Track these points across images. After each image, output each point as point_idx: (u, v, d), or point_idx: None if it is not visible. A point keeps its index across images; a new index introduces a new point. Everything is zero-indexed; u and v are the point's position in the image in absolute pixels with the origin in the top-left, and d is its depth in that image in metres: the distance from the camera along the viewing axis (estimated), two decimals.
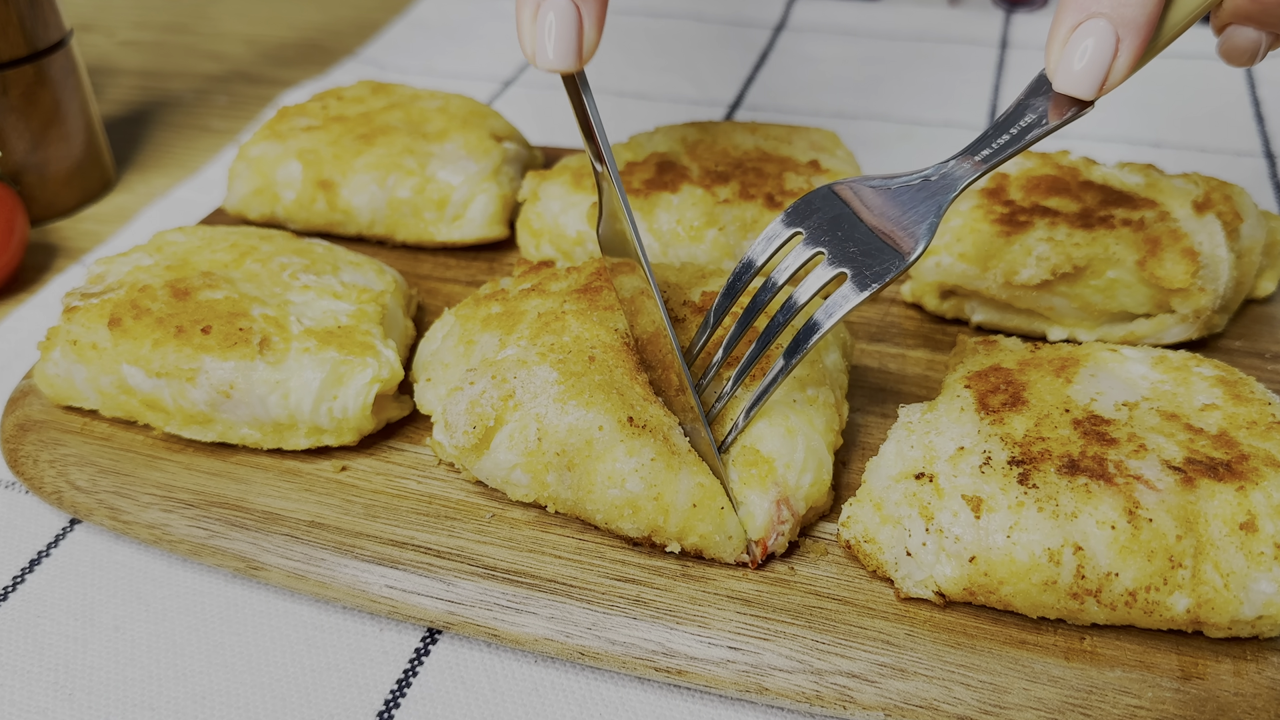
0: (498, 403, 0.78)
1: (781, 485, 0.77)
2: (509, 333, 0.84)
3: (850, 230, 0.75)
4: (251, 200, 1.17)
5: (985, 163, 0.76)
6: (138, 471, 0.87)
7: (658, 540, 0.77)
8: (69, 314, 0.90)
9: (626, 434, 0.75)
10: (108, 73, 1.72)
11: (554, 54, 0.75)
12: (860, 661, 0.71)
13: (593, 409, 0.76)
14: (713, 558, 0.77)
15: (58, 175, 1.31)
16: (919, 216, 0.75)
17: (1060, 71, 0.72)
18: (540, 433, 0.77)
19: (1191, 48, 1.60)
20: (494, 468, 0.79)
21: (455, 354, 0.86)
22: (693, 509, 0.75)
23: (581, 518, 0.79)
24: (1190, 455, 0.73)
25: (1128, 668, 0.70)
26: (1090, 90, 0.73)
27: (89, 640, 0.79)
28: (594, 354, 0.80)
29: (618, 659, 0.73)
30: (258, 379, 0.85)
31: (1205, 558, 0.69)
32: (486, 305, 0.89)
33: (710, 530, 0.75)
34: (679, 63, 1.66)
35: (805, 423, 0.79)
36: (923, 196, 0.76)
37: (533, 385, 0.78)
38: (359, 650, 0.78)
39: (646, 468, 0.74)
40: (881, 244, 0.74)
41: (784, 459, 0.77)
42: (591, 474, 0.76)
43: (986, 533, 0.71)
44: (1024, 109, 0.76)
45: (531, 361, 0.80)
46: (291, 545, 0.81)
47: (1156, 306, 0.95)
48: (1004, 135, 0.76)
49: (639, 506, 0.75)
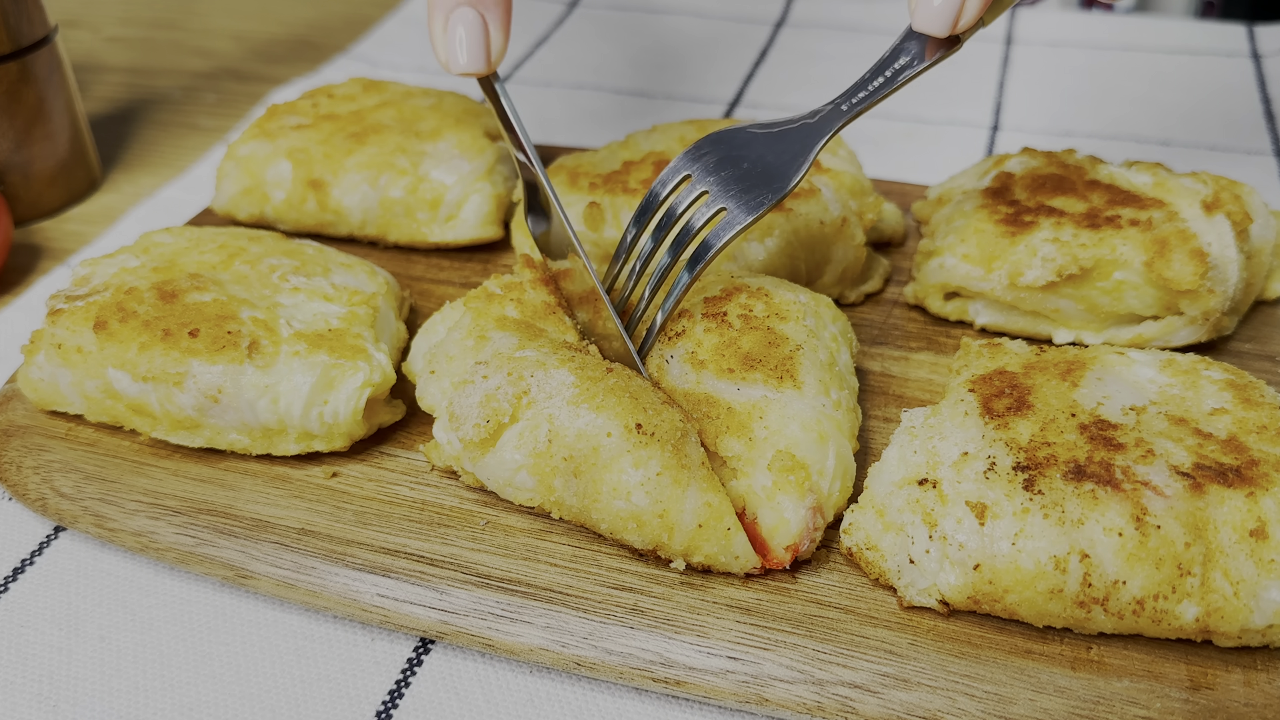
0: (513, 399, 0.78)
1: (817, 492, 0.77)
2: (530, 340, 0.83)
3: (733, 171, 0.85)
4: (240, 200, 1.17)
5: (860, 105, 0.84)
6: (124, 478, 0.87)
7: (663, 555, 0.77)
8: (53, 317, 0.90)
9: (634, 443, 0.75)
10: (93, 70, 1.72)
11: (465, 60, 0.85)
12: (862, 672, 0.71)
13: (603, 413, 0.76)
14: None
15: (42, 175, 1.31)
16: (793, 156, 0.85)
17: (919, 10, 0.79)
18: (551, 434, 0.76)
19: (1200, 44, 1.61)
20: (499, 466, 0.79)
21: (463, 347, 0.85)
22: (698, 529, 0.74)
23: (586, 526, 0.79)
24: (1199, 460, 0.73)
25: (1135, 678, 0.70)
26: (943, 28, 0.79)
27: (74, 651, 0.79)
28: (613, 367, 0.81)
29: (615, 669, 0.73)
30: (247, 383, 0.85)
31: (1215, 565, 0.69)
32: (501, 303, 0.88)
33: (716, 551, 0.75)
34: (677, 59, 1.67)
35: (835, 428, 0.79)
36: (798, 139, 0.85)
37: (549, 385, 0.78)
38: (350, 661, 0.78)
39: (652, 482, 0.74)
40: (758, 182, 0.84)
41: (817, 465, 0.77)
42: (598, 482, 0.75)
43: (991, 540, 0.71)
44: (897, 53, 0.84)
45: (550, 365, 0.79)
46: (281, 553, 0.81)
47: (1164, 308, 0.95)
48: (879, 78, 0.84)
49: (644, 522, 0.75)
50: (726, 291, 0.88)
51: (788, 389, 0.80)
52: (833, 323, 0.89)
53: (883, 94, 0.84)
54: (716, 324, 0.85)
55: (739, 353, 0.82)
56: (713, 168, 0.85)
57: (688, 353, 0.83)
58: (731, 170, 0.85)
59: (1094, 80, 1.55)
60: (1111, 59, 1.60)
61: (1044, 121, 1.46)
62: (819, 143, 0.84)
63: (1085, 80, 1.55)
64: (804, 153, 0.84)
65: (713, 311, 0.86)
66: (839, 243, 1.01)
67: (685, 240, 0.84)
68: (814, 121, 0.86)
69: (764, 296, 0.87)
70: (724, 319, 0.85)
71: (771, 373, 0.81)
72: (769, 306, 0.86)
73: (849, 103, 0.85)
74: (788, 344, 0.83)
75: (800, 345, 0.83)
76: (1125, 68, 1.57)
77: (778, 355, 0.82)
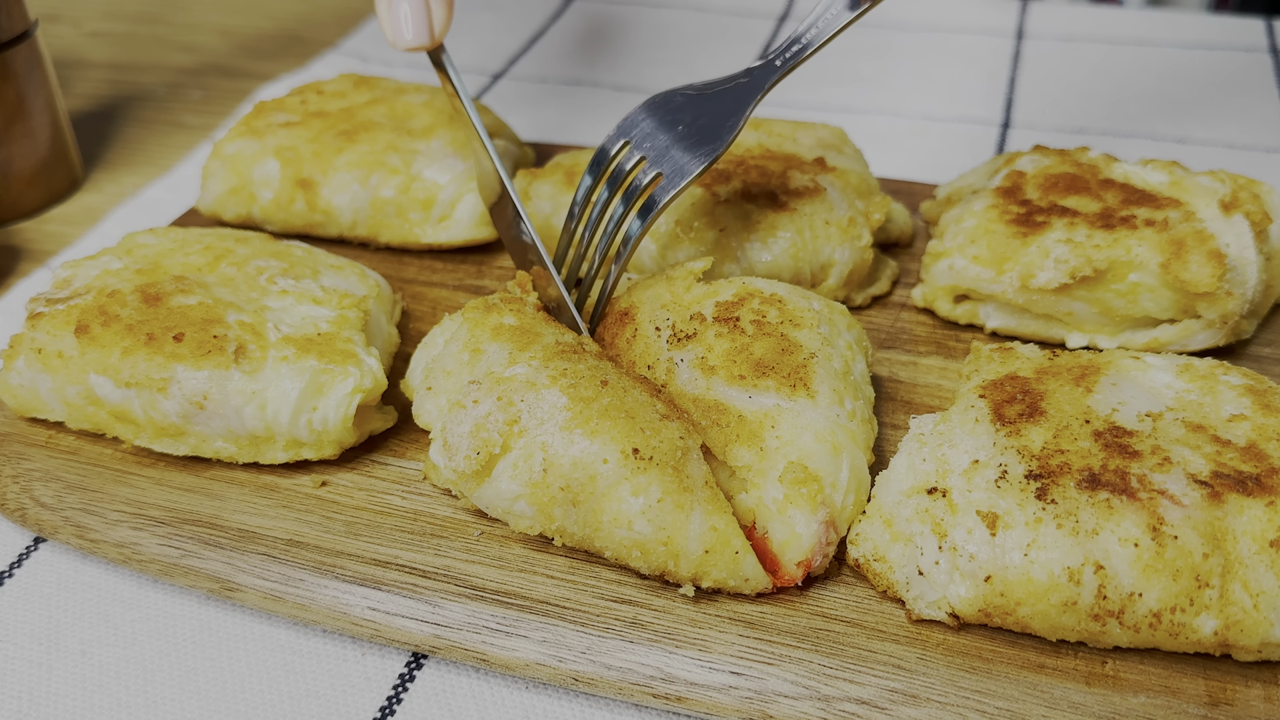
0: (503, 427, 0.78)
1: (829, 506, 0.77)
2: (521, 350, 0.83)
3: (670, 135, 0.90)
4: (227, 200, 1.17)
5: (791, 60, 0.90)
6: (106, 487, 0.87)
7: (670, 580, 0.77)
8: (33, 320, 0.90)
9: (632, 469, 0.74)
10: (75, 65, 1.73)
11: (410, 34, 0.93)
12: (870, 687, 0.71)
13: (597, 439, 0.75)
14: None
15: (22, 174, 1.31)
16: (726, 115, 0.89)
17: None
18: (545, 464, 0.76)
19: (1217, 38, 1.61)
20: (495, 497, 0.79)
21: (459, 361, 0.85)
22: (705, 555, 0.74)
23: (592, 553, 0.79)
24: (1217, 468, 0.73)
25: (1152, 693, 0.70)
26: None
27: (54, 666, 0.79)
28: (608, 378, 0.80)
29: (614, 685, 0.73)
30: (233, 389, 0.85)
31: (1234, 577, 0.69)
32: (499, 313, 0.88)
33: (725, 575, 0.75)
34: (677, 55, 1.67)
35: (849, 439, 0.79)
36: (733, 98, 0.90)
37: (540, 410, 0.78)
38: (340, 676, 0.78)
39: (654, 509, 0.74)
40: (694, 144, 0.89)
41: (830, 478, 0.77)
42: (598, 512, 0.75)
43: (1003, 551, 0.71)
44: (825, 8, 0.90)
45: (541, 385, 0.79)
46: (269, 565, 0.81)
47: (1181, 311, 0.95)
48: (811, 32, 0.90)
49: (648, 549, 0.75)
50: (739, 296, 0.88)
51: (801, 398, 0.80)
52: (847, 330, 0.89)
53: (813, 48, 0.89)
54: (728, 329, 0.85)
55: (751, 359, 0.82)
56: (650, 132, 0.91)
57: (698, 358, 0.83)
58: (668, 134, 0.90)
59: (1108, 76, 1.55)
60: (1126, 54, 1.60)
61: (1057, 118, 1.46)
62: (753, 100, 0.89)
63: (1099, 76, 1.55)
64: (738, 111, 0.89)
65: (725, 316, 0.86)
66: (845, 244, 1.01)
67: (625, 209, 0.90)
68: (748, 80, 0.91)
69: (777, 302, 0.87)
70: (736, 324, 0.85)
71: (784, 381, 0.81)
72: (782, 312, 0.86)
73: (782, 58, 0.90)
74: (801, 351, 0.83)
75: (814, 353, 0.83)
76: (1140, 63, 1.58)
77: (791, 363, 0.82)
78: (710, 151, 0.88)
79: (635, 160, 0.90)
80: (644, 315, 0.88)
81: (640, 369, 0.85)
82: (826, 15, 0.89)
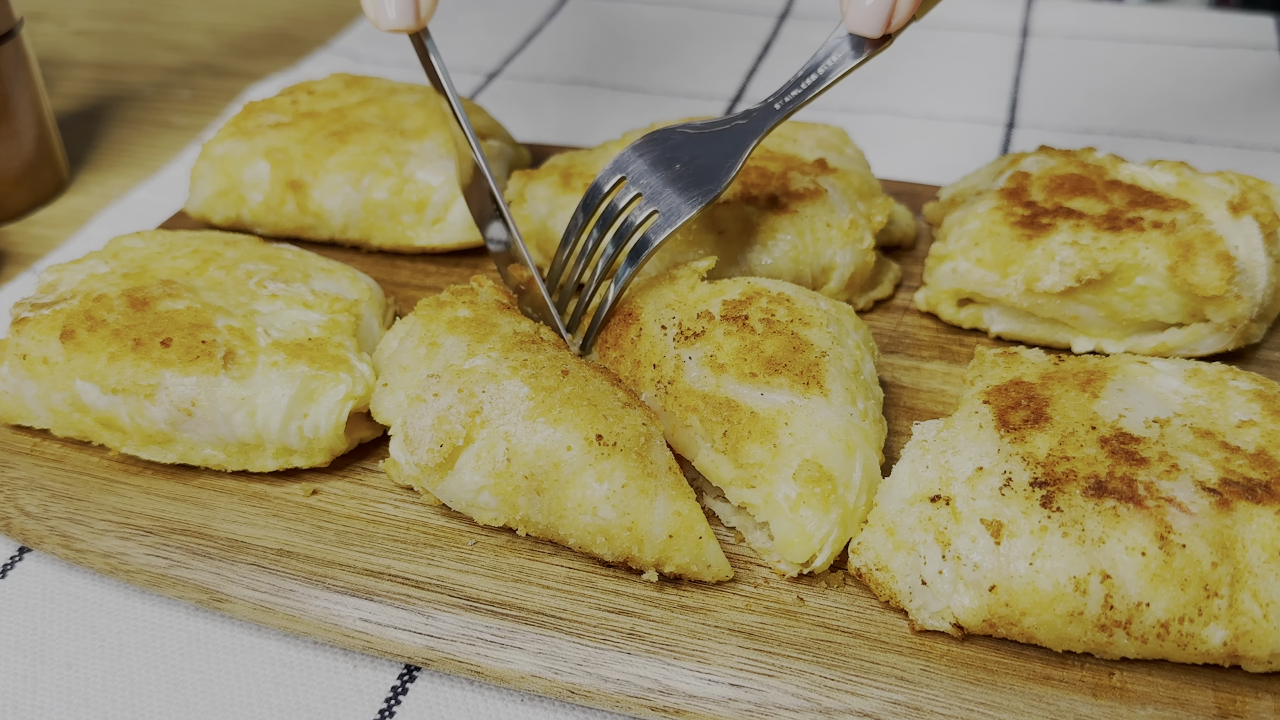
0: (466, 419, 0.79)
1: (842, 506, 0.77)
2: (479, 341, 0.84)
3: (666, 173, 0.90)
4: (215, 202, 1.17)
5: (792, 104, 0.90)
6: (92, 496, 0.87)
7: (634, 566, 0.78)
8: (18, 325, 0.90)
9: (596, 455, 0.76)
10: (61, 65, 1.73)
11: (394, 15, 0.89)
12: (872, 699, 0.71)
13: (560, 426, 0.77)
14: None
15: (6, 176, 1.31)
16: (725, 157, 0.90)
17: (851, 11, 0.84)
18: (509, 453, 0.77)
19: (1225, 36, 1.61)
20: (459, 490, 0.80)
21: (415, 356, 0.86)
22: (669, 540, 0.76)
23: (555, 541, 0.79)
24: (1226, 476, 0.73)
25: (1160, 705, 0.70)
26: (876, 29, 0.84)
27: (39, 678, 0.79)
28: (568, 367, 0.81)
29: (611, 697, 0.73)
30: (222, 395, 0.85)
31: (1243, 586, 0.69)
32: (452, 306, 0.89)
33: (688, 561, 0.76)
34: (675, 53, 1.67)
35: (863, 439, 0.80)
36: (731, 140, 0.91)
37: (502, 401, 0.79)
38: (331, 689, 0.78)
39: (618, 495, 0.75)
40: (691, 184, 0.89)
41: (844, 477, 0.78)
42: (562, 499, 0.76)
43: (1007, 560, 0.71)
44: (828, 51, 0.89)
45: (502, 375, 0.80)
46: (258, 575, 0.81)
47: (1189, 315, 0.95)
48: (811, 76, 0.89)
49: (612, 535, 0.76)
50: (746, 295, 0.89)
51: (814, 396, 0.80)
52: (855, 330, 0.89)
53: (815, 92, 0.89)
54: (737, 327, 0.85)
55: (762, 357, 0.83)
56: (646, 170, 0.91)
57: (706, 355, 0.84)
58: (665, 172, 0.90)
59: (1114, 75, 1.55)
60: (1133, 52, 1.60)
61: (1062, 118, 1.46)
62: (751, 143, 0.90)
63: (1105, 75, 1.55)
64: (736, 153, 0.90)
65: (733, 314, 0.86)
66: (846, 246, 1.02)
67: (619, 244, 0.89)
68: (746, 122, 0.91)
69: (785, 301, 0.88)
70: (745, 322, 0.86)
71: (797, 378, 0.81)
72: (791, 311, 0.87)
73: (781, 101, 0.90)
74: (813, 350, 0.84)
75: (825, 351, 0.84)
76: (1147, 61, 1.58)
77: (803, 361, 0.82)
78: (708, 192, 0.88)
79: (631, 196, 0.90)
80: (648, 314, 0.89)
81: (645, 367, 0.85)
82: (828, 61, 0.89)
